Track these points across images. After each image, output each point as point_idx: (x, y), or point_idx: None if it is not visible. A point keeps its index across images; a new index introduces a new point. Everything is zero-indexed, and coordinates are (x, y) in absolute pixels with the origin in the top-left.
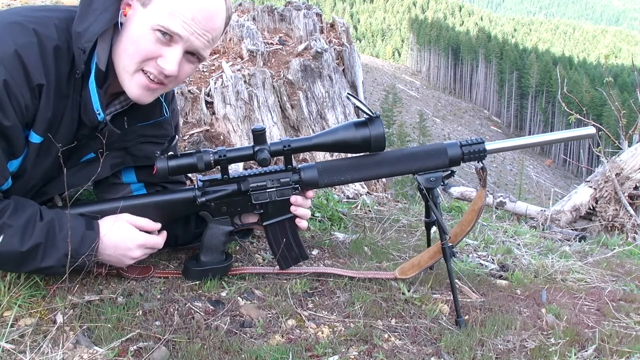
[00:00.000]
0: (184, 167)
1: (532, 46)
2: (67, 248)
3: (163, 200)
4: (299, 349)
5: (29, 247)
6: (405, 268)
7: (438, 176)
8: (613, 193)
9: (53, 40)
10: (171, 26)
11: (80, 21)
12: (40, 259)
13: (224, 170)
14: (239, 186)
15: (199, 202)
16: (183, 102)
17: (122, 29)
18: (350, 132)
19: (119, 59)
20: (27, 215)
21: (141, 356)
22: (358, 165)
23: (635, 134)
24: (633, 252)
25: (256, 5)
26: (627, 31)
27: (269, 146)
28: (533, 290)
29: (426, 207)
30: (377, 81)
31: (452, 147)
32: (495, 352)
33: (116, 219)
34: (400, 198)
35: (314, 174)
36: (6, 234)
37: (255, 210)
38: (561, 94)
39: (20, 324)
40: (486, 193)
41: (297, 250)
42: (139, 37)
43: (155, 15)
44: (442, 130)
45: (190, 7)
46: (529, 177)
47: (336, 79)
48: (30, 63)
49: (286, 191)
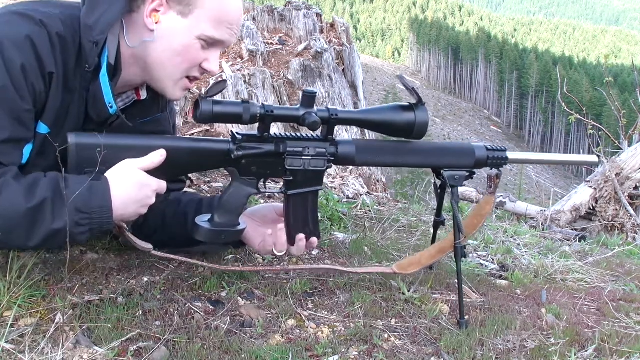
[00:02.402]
0: (229, 115)
1: (532, 46)
2: (77, 200)
3: (197, 147)
4: (299, 349)
5: (35, 202)
6: (404, 264)
7: (462, 175)
8: (613, 193)
9: (60, 31)
10: (218, 35)
11: (89, 13)
12: (50, 217)
13: (265, 128)
14: (277, 147)
15: (235, 156)
16: (183, 102)
17: (156, 38)
18: (396, 114)
19: (160, 67)
20: (30, 177)
21: (141, 356)
22: (394, 150)
23: (635, 134)
24: (633, 252)
25: (256, 5)
26: (627, 31)
27: (316, 111)
28: (533, 290)
29: (438, 206)
30: (377, 81)
31: (479, 150)
32: (495, 352)
33: (123, 165)
34: (400, 198)
35: (351, 149)
36: (8, 190)
37: (285, 176)
38: (561, 94)
39: (20, 324)
40: (495, 200)
41: (312, 226)
42: (185, 48)
43: (200, 26)
44: (442, 130)
45: (233, 13)
46: (529, 177)
47: (336, 79)
48: (42, 50)
49: (320, 162)
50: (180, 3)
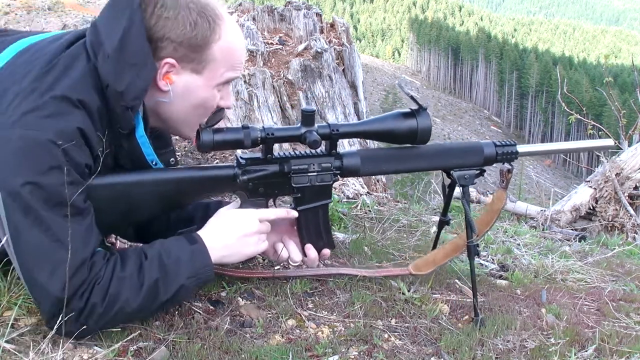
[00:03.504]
0: (230, 142)
1: (532, 46)
2: (185, 273)
3: (201, 175)
4: (299, 349)
5: (146, 293)
6: (419, 264)
7: (472, 174)
8: (613, 193)
9: (96, 105)
10: (233, 76)
11: (117, 78)
12: (163, 293)
13: (268, 150)
14: (281, 167)
15: (240, 181)
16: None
17: (172, 98)
18: (398, 122)
19: (180, 121)
20: (131, 262)
21: (141, 356)
22: (399, 156)
23: (635, 134)
24: (633, 252)
25: (256, 5)
26: (627, 31)
27: (317, 128)
28: (533, 290)
29: (445, 206)
30: (377, 81)
31: (488, 147)
32: (495, 352)
33: (215, 218)
34: (400, 198)
35: (356, 161)
36: (125, 289)
37: (292, 193)
38: (561, 94)
39: (20, 324)
40: (507, 196)
41: (325, 238)
42: (204, 100)
43: (216, 77)
44: (442, 130)
45: (241, 51)
46: (529, 177)
47: (336, 79)
48: (91, 136)
49: (326, 177)
50: (192, 61)
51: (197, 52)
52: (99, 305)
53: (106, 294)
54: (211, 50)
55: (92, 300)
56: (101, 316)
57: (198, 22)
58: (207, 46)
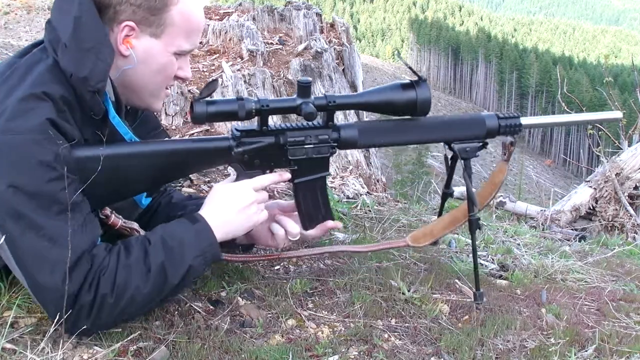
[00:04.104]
0: (224, 114)
1: (532, 46)
2: (191, 253)
3: (198, 147)
4: (299, 349)
5: (155, 272)
6: (417, 236)
7: (474, 146)
8: (613, 193)
9: (61, 93)
10: (191, 46)
11: (79, 65)
12: (171, 275)
13: (263, 121)
14: (277, 139)
15: (235, 153)
16: (183, 102)
17: (135, 63)
18: (397, 93)
19: (142, 89)
20: (135, 248)
21: (141, 356)
22: (398, 128)
23: (635, 134)
24: (633, 252)
25: (256, 5)
26: (627, 31)
27: (313, 100)
28: (533, 290)
29: (448, 178)
30: (377, 81)
31: (490, 119)
32: (495, 352)
33: (211, 195)
34: (400, 198)
35: (353, 133)
36: (132, 277)
37: (289, 166)
38: (561, 93)
39: (20, 324)
40: (508, 168)
41: (323, 211)
42: (163, 66)
43: (174, 42)
44: None
45: (200, 20)
46: (529, 177)
47: (336, 79)
48: (63, 125)
49: (323, 149)
50: (150, 25)
51: (155, 14)
52: (109, 295)
53: (114, 283)
54: (169, 13)
55: (101, 292)
56: (113, 307)
57: None
58: (166, 8)
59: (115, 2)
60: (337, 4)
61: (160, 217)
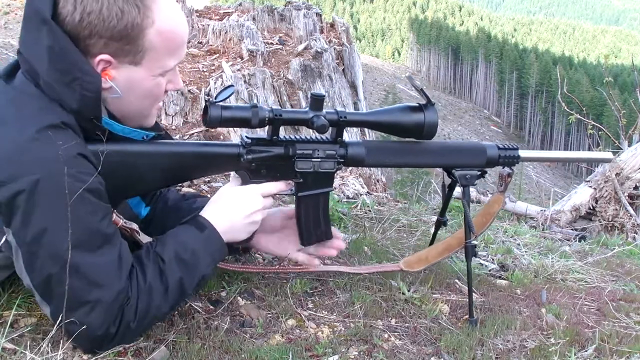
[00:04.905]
0: (237, 120)
1: (532, 46)
2: (204, 263)
3: (206, 151)
4: (299, 349)
5: (173, 289)
6: (411, 261)
7: (474, 174)
8: (613, 193)
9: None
10: (176, 61)
11: (67, 99)
12: (189, 288)
13: (274, 131)
14: (286, 150)
15: (244, 160)
16: (183, 102)
17: (117, 92)
18: (405, 115)
19: (132, 113)
20: (150, 265)
21: (141, 356)
22: (405, 150)
23: (635, 134)
24: (633, 252)
25: (256, 5)
26: (627, 31)
27: (325, 114)
28: (533, 290)
29: (443, 207)
30: (377, 81)
31: (491, 149)
32: (495, 352)
33: (218, 197)
34: (400, 198)
35: (361, 151)
36: (152, 297)
37: (295, 178)
38: (561, 93)
39: (20, 324)
40: (504, 200)
41: (323, 227)
42: (150, 90)
43: (157, 65)
44: (442, 130)
45: (182, 34)
46: (529, 177)
47: (336, 79)
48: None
49: (330, 164)
50: (127, 54)
51: (130, 43)
52: (132, 322)
53: (136, 310)
54: (147, 38)
55: (125, 320)
56: (135, 330)
57: (125, 9)
58: (141, 34)
59: (84, 37)
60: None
61: (157, 222)
